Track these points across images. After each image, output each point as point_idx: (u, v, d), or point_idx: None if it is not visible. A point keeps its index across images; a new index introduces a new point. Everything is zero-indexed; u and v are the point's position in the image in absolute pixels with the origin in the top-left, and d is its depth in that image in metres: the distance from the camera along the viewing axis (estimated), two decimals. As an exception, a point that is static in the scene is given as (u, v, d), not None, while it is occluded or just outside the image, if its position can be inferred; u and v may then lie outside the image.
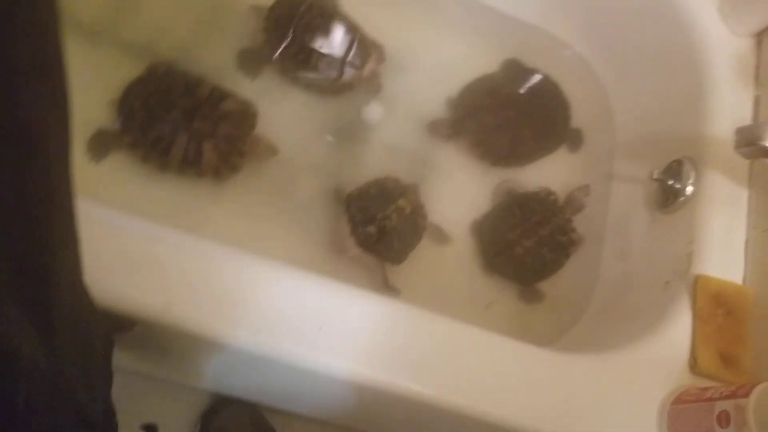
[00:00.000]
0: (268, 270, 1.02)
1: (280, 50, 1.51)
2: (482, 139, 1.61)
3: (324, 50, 1.51)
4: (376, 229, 1.37)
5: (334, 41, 1.53)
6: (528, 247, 1.51)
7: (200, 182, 1.40)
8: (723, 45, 1.44)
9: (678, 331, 1.21)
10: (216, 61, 1.53)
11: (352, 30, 1.56)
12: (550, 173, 1.66)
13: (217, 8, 1.57)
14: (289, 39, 1.51)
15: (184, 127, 1.35)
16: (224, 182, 1.41)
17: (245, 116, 1.43)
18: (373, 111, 1.59)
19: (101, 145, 1.38)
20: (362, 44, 1.56)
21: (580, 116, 1.72)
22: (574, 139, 1.69)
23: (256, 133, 1.42)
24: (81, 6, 1.48)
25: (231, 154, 1.39)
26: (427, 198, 1.55)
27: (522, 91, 1.66)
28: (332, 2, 1.59)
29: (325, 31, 1.53)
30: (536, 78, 1.68)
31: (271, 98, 1.54)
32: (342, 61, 1.53)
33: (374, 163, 1.56)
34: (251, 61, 1.54)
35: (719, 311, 1.23)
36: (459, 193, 1.61)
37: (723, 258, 1.28)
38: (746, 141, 1.17)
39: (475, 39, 1.74)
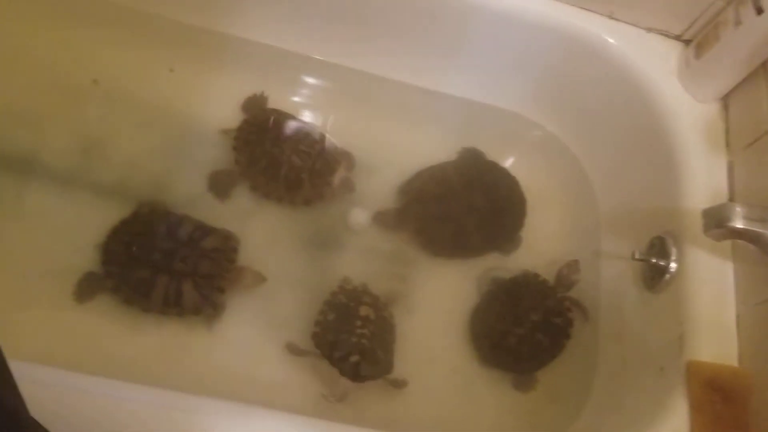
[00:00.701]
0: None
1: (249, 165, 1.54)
2: (424, 228, 1.59)
3: (293, 162, 1.53)
4: (358, 356, 1.35)
5: (302, 153, 1.54)
6: (521, 335, 1.48)
7: (186, 320, 1.42)
8: (688, 113, 1.42)
9: (675, 424, 1.16)
10: (189, 188, 1.55)
11: (320, 140, 1.58)
12: (537, 252, 1.64)
13: (184, 137, 1.60)
14: (258, 154, 1.54)
15: (165, 269, 1.38)
16: (210, 319, 1.43)
17: (225, 252, 1.44)
18: (358, 216, 1.59)
19: (88, 288, 1.42)
20: (330, 154, 1.58)
21: (562, 192, 1.71)
22: (513, 243, 1.64)
23: (239, 266, 1.45)
24: (49, 155, 1.52)
25: (211, 292, 1.41)
26: (414, 298, 1.56)
27: (474, 182, 1.62)
28: (294, 115, 1.62)
29: (293, 143, 1.55)
30: (494, 171, 1.66)
31: (246, 217, 1.56)
32: (308, 173, 1.55)
33: (355, 268, 1.56)
34: (222, 182, 1.57)
35: (716, 398, 1.18)
36: (443, 288, 1.59)
37: (715, 339, 1.24)
38: (714, 223, 1.14)
39: (442, 127, 1.75)
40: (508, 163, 1.70)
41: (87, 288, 1.41)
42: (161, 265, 1.37)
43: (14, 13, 1.60)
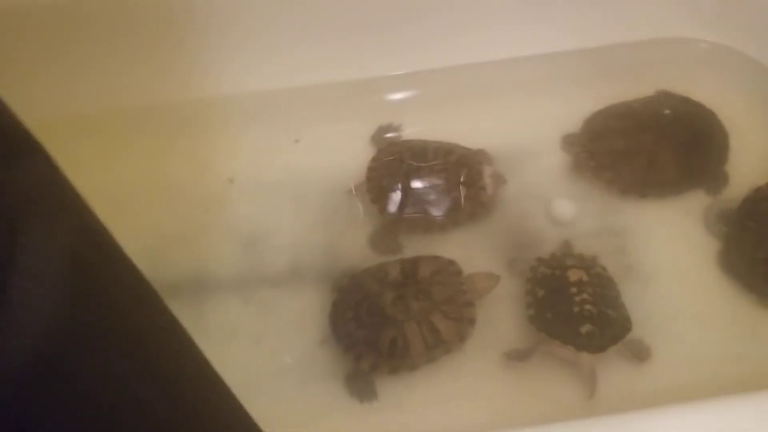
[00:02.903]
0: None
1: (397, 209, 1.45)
2: (610, 163, 1.44)
3: (438, 188, 1.44)
4: (589, 324, 1.23)
5: (442, 172, 1.45)
6: None
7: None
8: None
9: None
10: (353, 251, 1.46)
11: (450, 151, 1.48)
12: (752, 172, 1.46)
13: (328, 202, 1.53)
14: (399, 195, 1.45)
15: (406, 317, 1.28)
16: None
17: (445, 269, 1.35)
18: (564, 207, 1.46)
19: (363, 385, 1.30)
20: (467, 158, 1.48)
21: (751, 104, 1.56)
22: (718, 180, 1.47)
23: (468, 274, 1.35)
24: (215, 265, 1.47)
25: (461, 311, 1.30)
26: (641, 266, 1.40)
27: (664, 114, 1.50)
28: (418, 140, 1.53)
29: (428, 167, 1.46)
30: (686, 103, 1.51)
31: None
32: (458, 189, 1.45)
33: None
34: (385, 235, 1.47)
35: None
36: (668, 245, 1.43)
37: None
38: None
39: (567, 89, 1.63)
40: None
41: (362, 386, 1.30)
42: (400, 317, 1.28)
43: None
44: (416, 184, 1.45)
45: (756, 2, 1.52)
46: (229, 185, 1.56)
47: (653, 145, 1.44)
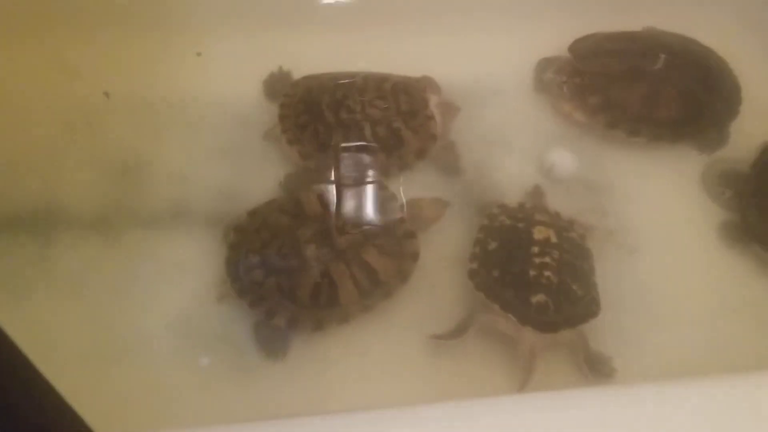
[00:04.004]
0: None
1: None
2: (601, 86, 1.19)
3: (373, 116, 1.15)
4: (542, 294, 0.98)
5: (375, 102, 1.16)
6: None
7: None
8: None
9: None
10: (257, 192, 1.14)
11: (384, 79, 1.19)
12: (756, 126, 1.21)
13: (229, 130, 1.22)
14: (323, 134, 1.15)
15: (331, 257, 1.01)
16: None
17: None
18: (562, 159, 1.18)
19: (272, 338, 1.02)
20: (407, 86, 1.19)
21: (758, 44, 1.30)
22: (719, 136, 1.21)
23: (411, 200, 1.12)
24: (73, 198, 1.14)
25: (401, 244, 1.04)
26: (627, 232, 1.12)
27: (671, 46, 1.24)
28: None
29: (358, 99, 1.16)
30: (696, 45, 1.26)
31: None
32: (399, 120, 1.16)
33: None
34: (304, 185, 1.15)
35: None
36: (657, 207, 1.16)
37: None
38: None
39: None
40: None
41: (272, 339, 1.02)
42: (323, 256, 1.01)
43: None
44: (344, 117, 1.14)
45: None
46: (103, 100, 1.24)
47: (656, 73, 1.18)
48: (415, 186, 1.14)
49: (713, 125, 1.19)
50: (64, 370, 0.62)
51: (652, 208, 1.14)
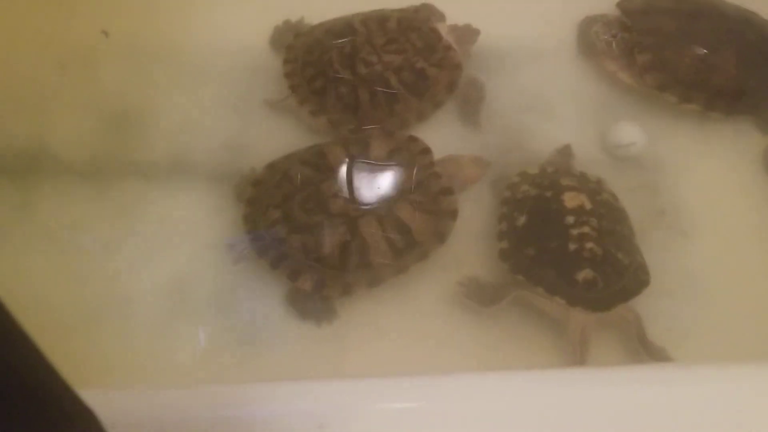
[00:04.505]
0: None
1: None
2: (652, 45, 1.07)
3: (390, 62, 1.05)
4: (588, 269, 0.88)
5: (390, 44, 1.06)
6: None
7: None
8: None
9: None
10: (266, 147, 1.04)
11: (386, 18, 1.09)
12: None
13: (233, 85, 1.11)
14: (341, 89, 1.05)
15: (361, 212, 0.91)
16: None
17: (406, 147, 0.98)
18: (630, 133, 1.05)
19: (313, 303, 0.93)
20: (417, 20, 1.10)
21: None
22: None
23: (449, 157, 1.02)
24: (64, 146, 1.04)
25: (438, 200, 0.95)
26: (681, 213, 1.01)
27: (732, 8, 1.12)
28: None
29: (370, 43, 1.06)
30: (755, 15, 1.14)
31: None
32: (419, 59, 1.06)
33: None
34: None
35: None
36: (713, 185, 1.05)
37: None
38: None
39: None
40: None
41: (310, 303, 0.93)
42: (353, 211, 0.91)
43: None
44: (363, 71, 1.03)
45: None
46: (101, 39, 1.13)
47: (714, 35, 1.07)
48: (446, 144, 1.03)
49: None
50: (41, 324, 0.52)
51: (707, 188, 1.04)
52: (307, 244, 0.89)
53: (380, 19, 1.09)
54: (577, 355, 0.86)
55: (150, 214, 0.99)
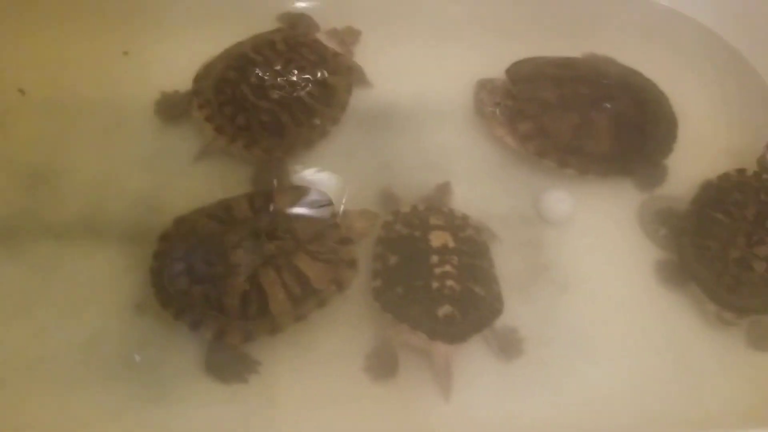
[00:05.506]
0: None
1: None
2: (533, 113, 1.16)
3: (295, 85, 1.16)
4: (448, 305, 0.97)
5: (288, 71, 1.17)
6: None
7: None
8: None
9: None
10: (184, 202, 1.08)
11: (272, 42, 1.19)
12: (696, 160, 1.20)
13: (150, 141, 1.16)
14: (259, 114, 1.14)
15: (261, 263, 0.97)
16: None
17: (311, 201, 1.06)
18: (559, 202, 1.15)
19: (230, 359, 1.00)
20: (296, 40, 1.21)
21: (701, 79, 1.31)
22: (655, 173, 1.20)
23: (341, 211, 1.10)
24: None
25: (336, 250, 1.02)
26: (559, 268, 1.11)
27: (610, 76, 1.22)
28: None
29: (269, 70, 1.16)
30: (637, 75, 1.24)
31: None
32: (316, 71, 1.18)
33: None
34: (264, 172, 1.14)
35: None
36: (593, 243, 1.14)
37: None
38: None
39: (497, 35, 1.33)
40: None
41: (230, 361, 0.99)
42: (252, 262, 0.97)
43: None
44: (277, 96, 1.13)
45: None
46: (18, 97, 1.18)
47: (591, 104, 1.16)
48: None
49: (646, 162, 1.18)
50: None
51: (588, 244, 1.13)
52: (209, 294, 0.95)
53: (269, 43, 1.18)
54: (443, 383, 0.96)
55: (63, 274, 1.02)
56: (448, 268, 0.99)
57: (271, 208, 1.02)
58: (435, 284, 0.98)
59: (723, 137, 1.25)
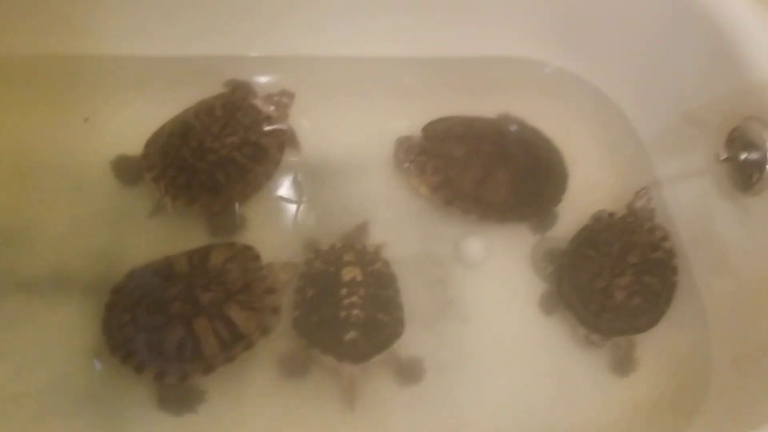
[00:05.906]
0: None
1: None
2: (442, 167, 1.34)
3: (232, 147, 1.30)
4: (353, 331, 1.15)
5: (226, 134, 1.32)
6: (627, 286, 1.24)
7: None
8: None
9: None
10: (141, 256, 1.23)
11: (211, 107, 1.34)
12: (582, 205, 1.38)
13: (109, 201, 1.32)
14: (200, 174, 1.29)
15: (194, 312, 1.13)
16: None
17: (241, 254, 1.22)
18: (473, 247, 1.34)
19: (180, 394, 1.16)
20: (233, 105, 1.36)
21: (590, 136, 1.50)
22: (546, 219, 1.39)
23: (267, 263, 1.24)
24: None
25: (262, 299, 1.18)
26: (462, 303, 1.30)
27: (510, 134, 1.41)
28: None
29: (208, 134, 1.31)
30: (535, 132, 1.43)
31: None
32: (251, 132, 1.34)
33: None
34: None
35: None
36: (493, 283, 1.33)
37: None
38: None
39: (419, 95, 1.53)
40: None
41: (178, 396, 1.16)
42: (188, 312, 1.13)
43: None
44: (213, 158, 1.28)
45: (601, 30, 1.47)
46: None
47: (491, 159, 1.35)
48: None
49: (540, 210, 1.37)
50: None
51: (488, 281, 1.31)
52: (151, 341, 1.11)
53: (208, 109, 1.33)
54: (348, 398, 1.14)
55: (31, 324, 1.17)
56: (354, 299, 1.16)
57: (207, 263, 1.17)
58: (343, 313, 1.15)
59: (607, 184, 1.42)
